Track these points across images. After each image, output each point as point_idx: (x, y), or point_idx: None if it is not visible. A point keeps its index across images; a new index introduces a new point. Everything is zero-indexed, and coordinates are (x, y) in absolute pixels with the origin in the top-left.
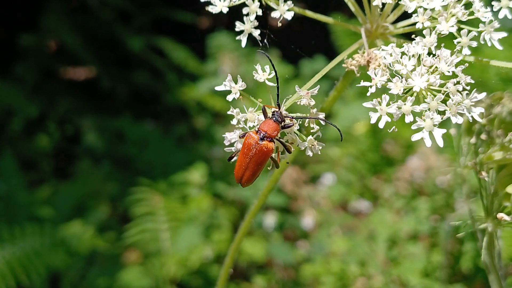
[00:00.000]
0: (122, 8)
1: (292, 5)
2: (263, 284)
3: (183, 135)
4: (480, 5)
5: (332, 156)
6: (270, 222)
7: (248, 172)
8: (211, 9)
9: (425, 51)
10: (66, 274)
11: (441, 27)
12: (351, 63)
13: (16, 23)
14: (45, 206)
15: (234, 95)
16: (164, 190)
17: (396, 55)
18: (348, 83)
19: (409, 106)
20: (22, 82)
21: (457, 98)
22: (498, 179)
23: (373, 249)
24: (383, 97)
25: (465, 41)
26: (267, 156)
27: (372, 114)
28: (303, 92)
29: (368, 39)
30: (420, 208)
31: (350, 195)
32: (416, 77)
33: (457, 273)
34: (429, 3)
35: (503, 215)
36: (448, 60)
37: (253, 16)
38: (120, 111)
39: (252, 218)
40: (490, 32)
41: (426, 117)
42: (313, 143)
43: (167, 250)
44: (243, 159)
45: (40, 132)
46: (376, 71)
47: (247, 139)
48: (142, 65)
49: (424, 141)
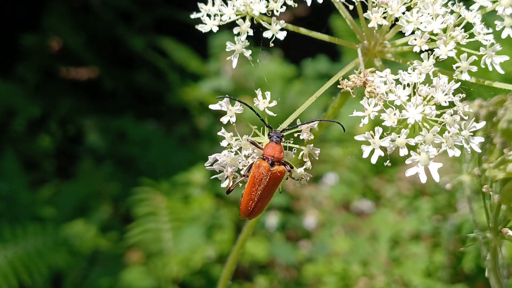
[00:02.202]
0: (124, 8)
1: (284, 24)
2: (265, 284)
3: (185, 135)
4: (481, 27)
5: (334, 156)
6: (272, 222)
7: (260, 204)
8: (200, 28)
9: (421, 79)
10: (68, 274)
11: (439, 51)
12: (347, 84)
13: (18, 23)
14: (47, 206)
15: (229, 118)
16: (166, 190)
17: (390, 84)
18: (345, 101)
19: (404, 139)
20: (24, 82)
21: (454, 130)
22: (502, 193)
23: (375, 249)
24: (376, 129)
25: (464, 65)
26: (280, 180)
27: (365, 148)
28: (303, 126)
29: (365, 57)
30: (422, 208)
31: (352, 195)
32: (410, 108)
33: (459, 273)
34: (427, 26)
35: (508, 230)
36: (445, 88)
37: (244, 36)
38: (122, 111)
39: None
40: (491, 56)
41: (421, 150)
42: (302, 176)
43: (169, 250)
44: (254, 191)
45: (42, 132)
46: (369, 101)
47: (257, 169)
48: (144, 65)
49: (419, 177)
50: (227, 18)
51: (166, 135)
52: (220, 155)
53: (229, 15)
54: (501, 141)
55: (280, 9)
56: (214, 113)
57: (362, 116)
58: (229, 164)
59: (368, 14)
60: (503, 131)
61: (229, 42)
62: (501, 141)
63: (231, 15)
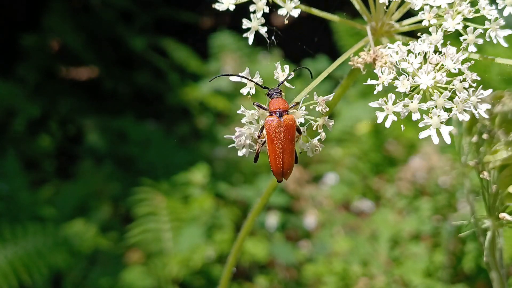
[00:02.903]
0: (124, 8)
1: (298, 2)
2: (265, 284)
3: (185, 135)
4: (485, 2)
5: (334, 156)
6: (272, 222)
7: (286, 156)
8: (217, 6)
9: (431, 48)
10: (68, 274)
11: (447, 24)
12: (357, 61)
13: (18, 23)
14: (47, 206)
15: (248, 89)
16: (166, 190)
17: (402, 53)
18: (353, 80)
19: (416, 104)
20: (24, 82)
21: (463, 95)
22: (500, 179)
23: (376, 249)
24: (389, 96)
25: (471, 38)
26: (294, 128)
27: (379, 114)
28: (319, 98)
29: (373, 37)
30: (422, 208)
31: (353, 195)
32: (422, 75)
33: (460, 273)
34: (435, 0)
35: (505, 215)
36: (454, 57)
37: (260, 13)
38: (122, 111)
39: (255, 217)
40: (495, 29)
41: (433, 114)
42: (316, 146)
43: (169, 250)
44: (275, 147)
45: (42, 132)
46: (382, 69)
47: (268, 124)
48: (144, 65)
49: (432, 138)
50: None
51: (166, 135)
52: (241, 129)
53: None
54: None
55: None
56: (214, 113)
57: (376, 84)
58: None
59: None
60: (501, 125)
61: (245, 20)
62: (499, 132)
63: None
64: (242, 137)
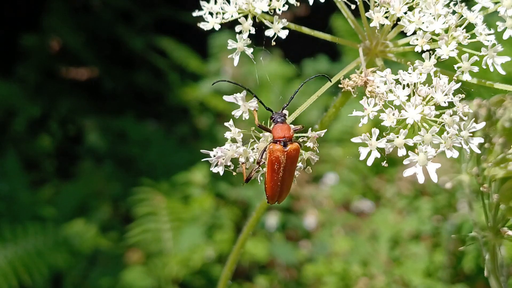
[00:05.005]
0: (124, 8)
1: (286, 23)
2: (265, 284)
3: (185, 135)
4: (482, 27)
5: (334, 156)
6: (272, 222)
7: (285, 185)
8: (202, 26)
9: (422, 78)
10: (68, 274)
11: (441, 51)
12: (348, 84)
13: (18, 23)
14: (47, 206)
15: (241, 112)
16: (167, 190)
17: (390, 84)
18: (346, 101)
19: (402, 139)
20: (24, 82)
21: (453, 130)
22: (501, 192)
23: (376, 249)
24: (372, 131)
25: (466, 66)
26: (297, 158)
27: (362, 150)
28: (312, 134)
29: (367, 57)
30: (423, 208)
31: (353, 195)
32: (410, 108)
33: (459, 273)
34: (429, 26)
35: (507, 229)
36: (445, 88)
37: (246, 34)
38: (122, 111)
39: (258, 217)
40: (492, 56)
41: (420, 150)
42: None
43: (169, 250)
44: (276, 175)
45: (42, 132)
46: (369, 101)
47: (273, 154)
48: (144, 65)
49: (417, 177)
50: (229, 16)
51: (166, 135)
52: (222, 148)
53: (231, 13)
54: (501, 140)
55: (282, 7)
56: (214, 113)
57: (361, 116)
58: (229, 157)
59: (370, 13)
60: (503, 131)
61: (231, 40)
62: (500, 140)
63: (233, 13)
64: (220, 159)
